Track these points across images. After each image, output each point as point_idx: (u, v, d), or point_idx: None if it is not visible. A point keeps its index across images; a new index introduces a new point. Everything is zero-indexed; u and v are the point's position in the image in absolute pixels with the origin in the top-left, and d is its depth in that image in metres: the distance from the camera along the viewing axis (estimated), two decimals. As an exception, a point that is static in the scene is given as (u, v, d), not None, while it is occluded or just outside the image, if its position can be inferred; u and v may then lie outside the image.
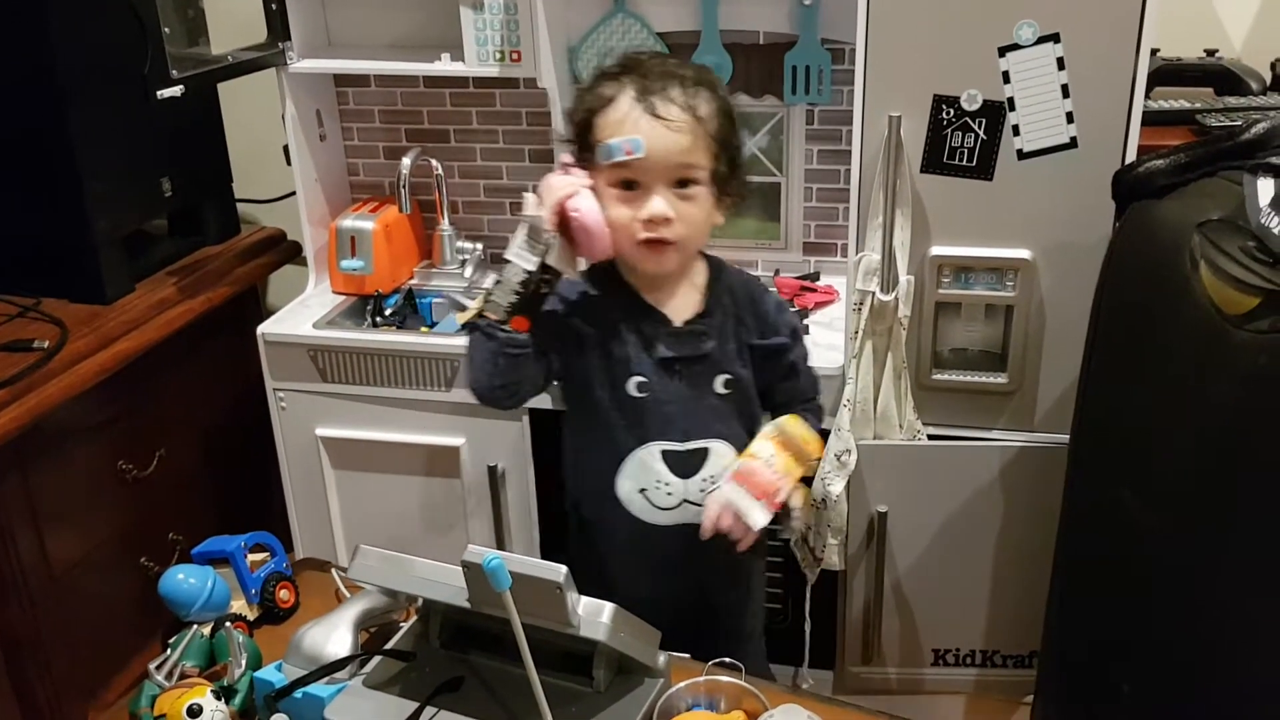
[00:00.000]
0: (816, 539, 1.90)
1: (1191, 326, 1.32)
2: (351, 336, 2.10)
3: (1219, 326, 1.28)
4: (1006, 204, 1.72)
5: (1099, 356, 1.55)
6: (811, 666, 2.02)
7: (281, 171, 2.27)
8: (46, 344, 1.92)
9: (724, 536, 1.39)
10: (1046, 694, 1.76)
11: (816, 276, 2.21)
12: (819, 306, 2.12)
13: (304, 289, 2.28)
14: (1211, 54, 2.05)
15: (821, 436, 1.53)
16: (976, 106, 1.68)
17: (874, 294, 1.78)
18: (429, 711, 1.11)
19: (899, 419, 1.84)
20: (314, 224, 2.26)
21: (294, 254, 2.50)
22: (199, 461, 2.33)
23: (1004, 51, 1.64)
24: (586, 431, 1.49)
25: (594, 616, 1.08)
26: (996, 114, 1.67)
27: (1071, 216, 1.70)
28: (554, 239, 1.35)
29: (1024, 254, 1.74)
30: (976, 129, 1.69)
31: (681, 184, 1.37)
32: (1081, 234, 1.69)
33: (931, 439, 1.87)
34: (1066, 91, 1.64)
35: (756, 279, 1.57)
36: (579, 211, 1.33)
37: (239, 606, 1.41)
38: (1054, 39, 1.62)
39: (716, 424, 1.45)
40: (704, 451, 1.45)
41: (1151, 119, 1.75)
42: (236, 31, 2.10)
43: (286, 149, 2.21)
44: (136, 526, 2.14)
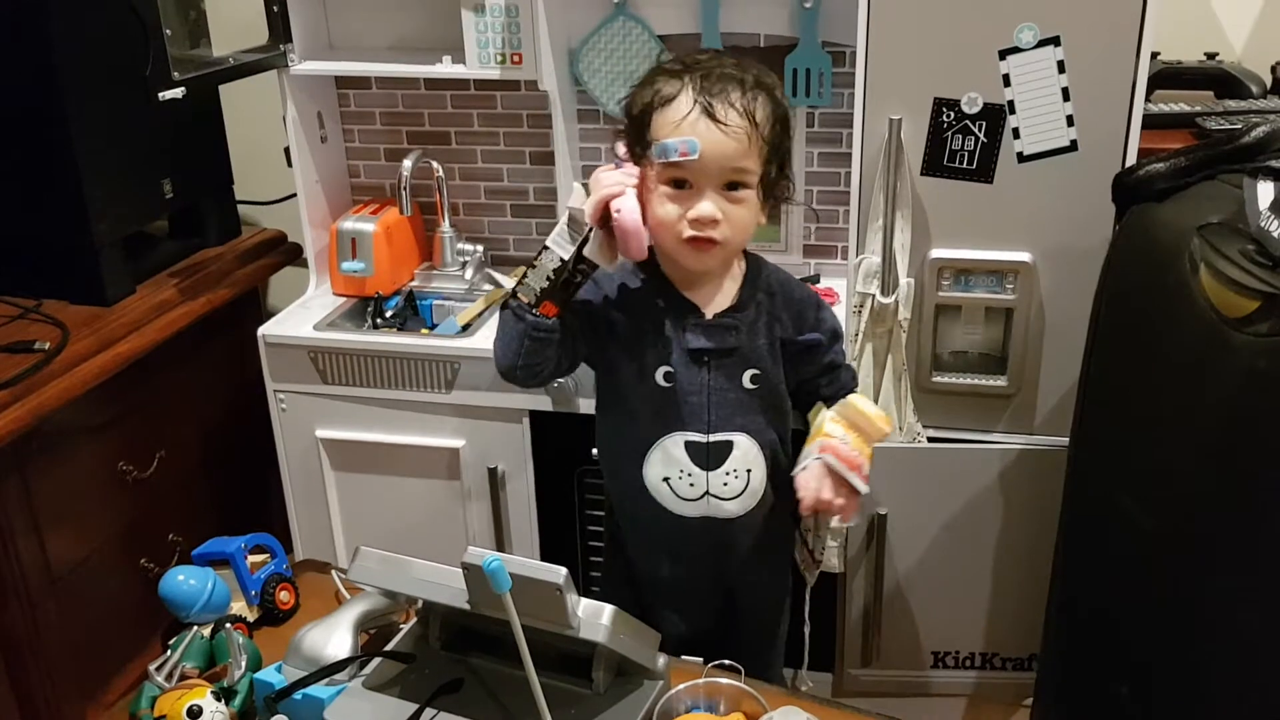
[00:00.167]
0: (815, 541, 1.89)
1: (1191, 330, 1.32)
2: (352, 338, 2.10)
3: (1219, 329, 1.28)
4: (1007, 207, 1.72)
5: (1099, 360, 1.55)
6: (811, 669, 2.01)
7: (282, 173, 2.27)
8: (47, 345, 1.92)
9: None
10: (1046, 697, 1.76)
11: (817, 279, 2.21)
12: (819, 308, 2.12)
13: (304, 291, 2.28)
14: (1212, 57, 2.05)
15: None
16: (977, 109, 1.68)
17: (874, 296, 1.78)
18: (429, 713, 1.11)
19: (899, 421, 1.84)
20: (315, 226, 2.26)
21: (295, 256, 2.50)
22: (199, 463, 2.33)
23: (1004, 54, 1.64)
24: (616, 418, 1.52)
25: (594, 618, 1.08)
26: (997, 117, 1.68)
27: (1071, 219, 1.70)
28: (594, 232, 1.36)
29: (1024, 257, 1.74)
30: (977, 132, 1.69)
31: (731, 186, 1.37)
32: (1081, 237, 1.69)
33: (931, 441, 1.87)
34: (1067, 94, 1.65)
35: (799, 280, 1.57)
36: (620, 213, 1.34)
37: (239, 608, 1.41)
38: (1054, 42, 1.62)
39: (741, 418, 1.47)
40: (728, 445, 1.46)
41: (1152, 122, 1.75)
42: (238, 33, 2.10)
43: (287, 151, 2.21)
44: (137, 528, 2.14)
